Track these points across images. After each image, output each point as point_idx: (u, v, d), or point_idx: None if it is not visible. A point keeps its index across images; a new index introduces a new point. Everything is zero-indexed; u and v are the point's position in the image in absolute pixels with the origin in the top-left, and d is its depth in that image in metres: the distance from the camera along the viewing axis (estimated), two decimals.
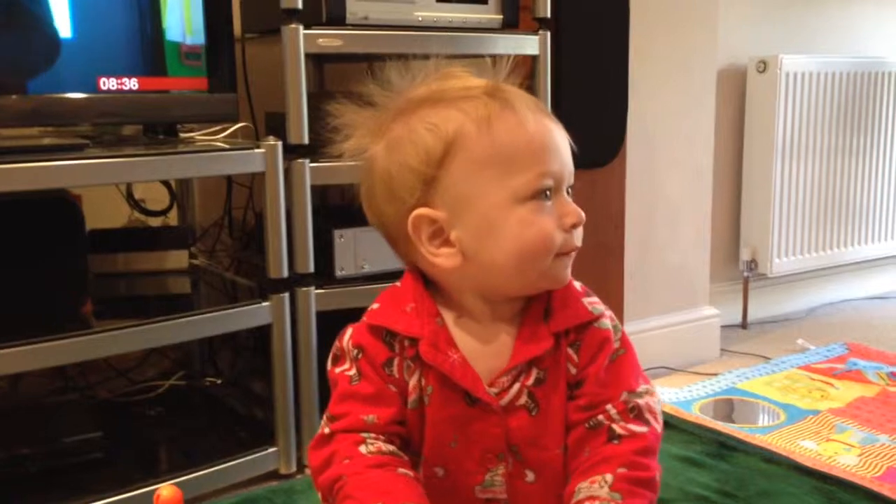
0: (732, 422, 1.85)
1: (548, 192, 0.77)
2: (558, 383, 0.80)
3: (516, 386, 0.80)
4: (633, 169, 2.04)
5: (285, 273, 1.51)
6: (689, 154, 2.23)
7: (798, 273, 2.68)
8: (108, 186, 1.73)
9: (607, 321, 0.83)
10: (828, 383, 2.04)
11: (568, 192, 0.79)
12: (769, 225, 2.53)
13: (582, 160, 2.01)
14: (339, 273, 1.57)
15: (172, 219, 1.88)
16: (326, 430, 0.80)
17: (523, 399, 0.80)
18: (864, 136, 2.70)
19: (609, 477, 0.77)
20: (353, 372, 0.80)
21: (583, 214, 0.78)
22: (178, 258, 1.74)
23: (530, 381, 0.80)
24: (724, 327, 2.45)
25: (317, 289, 1.54)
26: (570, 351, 0.81)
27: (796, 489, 1.41)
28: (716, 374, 2.14)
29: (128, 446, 1.55)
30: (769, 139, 2.50)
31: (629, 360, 0.83)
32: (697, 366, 2.24)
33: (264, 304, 1.50)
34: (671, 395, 1.99)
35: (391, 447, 0.78)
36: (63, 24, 1.35)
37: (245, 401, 1.78)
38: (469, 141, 0.76)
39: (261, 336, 1.70)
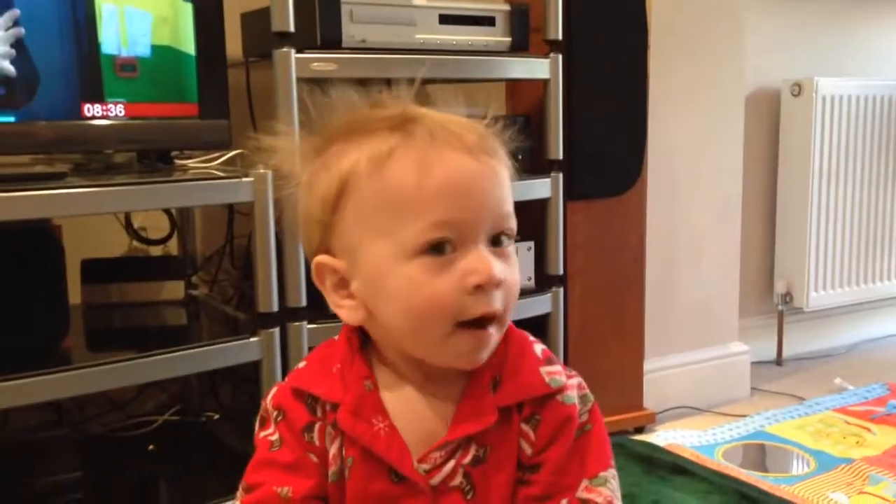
0: (758, 469, 1.72)
1: (445, 247, 0.64)
2: (503, 464, 0.69)
3: (451, 463, 0.69)
4: (653, 198, 1.93)
5: (275, 307, 1.44)
6: (715, 182, 2.12)
7: (837, 307, 2.54)
8: (105, 215, 1.69)
9: (572, 394, 0.71)
10: (865, 428, 1.91)
11: (499, 242, 0.67)
12: (805, 256, 2.40)
13: (597, 189, 1.94)
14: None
15: (174, 247, 1.83)
16: None
17: (457, 479, 0.69)
18: None
19: None
20: (275, 437, 0.72)
21: (497, 274, 0.64)
22: (173, 289, 1.69)
23: (467, 460, 0.69)
24: (757, 364, 2.33)
25: (309, 323, 1.46)
26: (525, 428, 0.70)
27: None
28: (744, 416, 2.01)
29: (111, 486, 1.49)
30: (805, 166, 2.38)
31: (596, 438, 0.71)
32: (725, 406, 2.12)
33: (253, 339, 1.43)
34: (693, 439, 1.87)
35: None
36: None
37: (242, 437, 1.71)
38: (360, 183, 0.66)
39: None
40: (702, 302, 2.14)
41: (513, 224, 0.68)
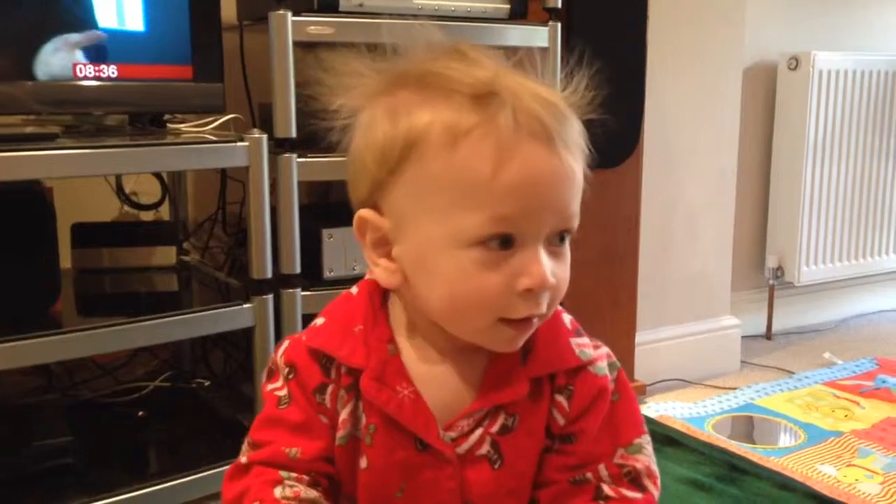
0: (747, 441, 1.73)
1: (503, 243, 0.61)
2: (533, 433, 0.67)
3: (478, 432, 0.67)
4: (649, 170, 1.93)
5: (269, 274, 1.42)
6: (711, 155, 2.11)
7: (827, 282, 2.55)
8: (97, 178, 1.67)
9: (603, 364, 0.70)
10: (853, 402, 1.92)
11: (560, 240, 0.63)
12: (797, 231, 2.41)
13: (593, 160, 1.92)
14: (327, 274, 1.49)
15: (165, 213, 1.81)
16: (244, 460, 0.69)
17: (485, 448, 0.67)
18: None
19: None
20: (283, 392, 0.69)
21: (549, 280, 0.61)
22: (165, 254, 1.67)
23: (495, 428, 0.67)
24: (746, 338, 2.34)
25: (303, 290, 1.45)
26: (559, 398, 0.68)
27: None
28: (734, 389, 2.03)
29: (102, 451, 1.48)
30: (800, 140, 2.37)
31: (626, 407, 0.70)
32: (715, 379, 2.13)
33: (246, 305, 1.42)
34: (683, 411, 1.88)
35: (313, 493, 0.67)
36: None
37: (232, 404, 1.71)
38: (428, 152, 0.60)
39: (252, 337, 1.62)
40: (694, 275, 2.15)
41: (576, 223, 0.64)
